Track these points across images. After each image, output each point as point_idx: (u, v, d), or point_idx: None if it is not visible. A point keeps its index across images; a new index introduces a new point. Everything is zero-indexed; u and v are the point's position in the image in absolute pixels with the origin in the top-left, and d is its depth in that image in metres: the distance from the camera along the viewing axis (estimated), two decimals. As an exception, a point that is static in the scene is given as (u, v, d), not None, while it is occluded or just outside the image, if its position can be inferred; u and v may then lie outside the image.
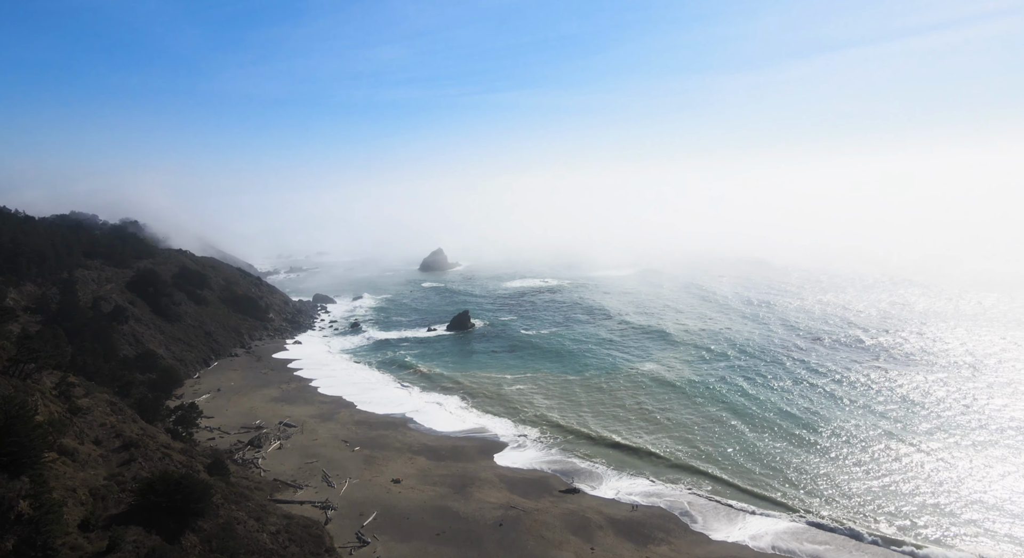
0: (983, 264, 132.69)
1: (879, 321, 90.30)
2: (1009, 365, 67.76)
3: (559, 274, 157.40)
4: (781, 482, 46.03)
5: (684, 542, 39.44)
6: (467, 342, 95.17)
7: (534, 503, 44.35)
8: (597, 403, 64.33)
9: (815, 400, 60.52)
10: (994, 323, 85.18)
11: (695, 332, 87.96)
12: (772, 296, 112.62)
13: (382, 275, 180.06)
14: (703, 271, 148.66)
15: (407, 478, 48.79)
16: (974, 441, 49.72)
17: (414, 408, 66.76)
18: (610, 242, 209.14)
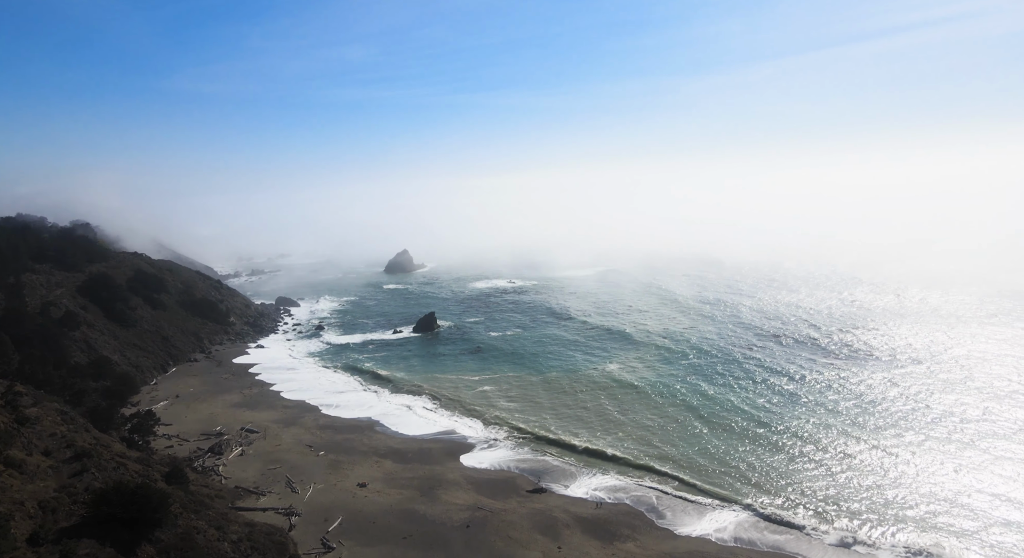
0: (922, 262, 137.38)
1: (831, 318, 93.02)
2: (955, 362, 70.41)
3: (524, 275, 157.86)
4: (741, 478, 47.08)
5: (650, 538, 39.99)
6: (433, 344, 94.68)
7: (501, 503, 44.38)
8: (562, 404, 64.72)
9: (772, 398, 61.97)
10: (938, 319, 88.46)
11: (655, 333, 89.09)
12: (728, 295, 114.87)
13: (346, 277, 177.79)
14: (662, 271, 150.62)
15: (373, 482, 48.28)
16: (925, 437, 51.58)
17: (380, 411, 66.11)
18: (573, 243, 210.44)
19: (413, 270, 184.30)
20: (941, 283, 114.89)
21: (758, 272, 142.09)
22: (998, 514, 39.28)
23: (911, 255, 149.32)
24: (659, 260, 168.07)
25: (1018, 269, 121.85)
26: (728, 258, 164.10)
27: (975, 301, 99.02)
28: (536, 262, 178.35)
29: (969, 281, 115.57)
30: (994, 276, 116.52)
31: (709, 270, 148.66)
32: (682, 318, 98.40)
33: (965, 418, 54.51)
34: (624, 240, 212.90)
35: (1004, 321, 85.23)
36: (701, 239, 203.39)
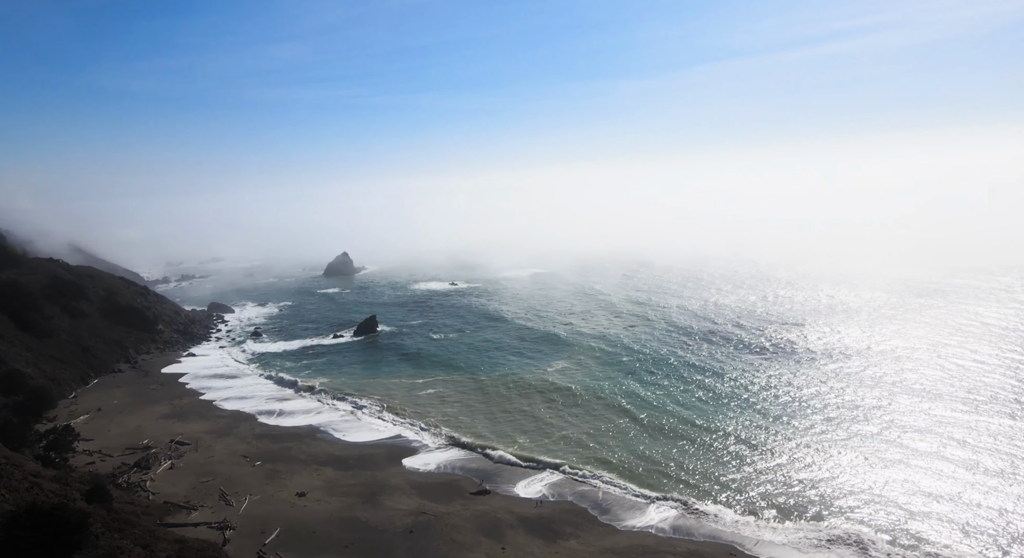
0: (835, 260, 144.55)
1: (754, 317, 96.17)
2: (870, 357, 74.40)
3: (463, 276, 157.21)
4: (677, 473, 48.33)
5: (592, 534, 40.54)
6: (375, 347, 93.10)
7: (445, 507, 44.03)
8: (502, 407, 64.74)
9: (703, 397, 63.61)
10: (850, 316, 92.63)
11: (589, 335, 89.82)
12: (658, 296, 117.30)
13: (283, 281, 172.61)
14: (595, 272, 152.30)
15: (313, 490, 46.99)
16: (850, 433, 53.87)
17: (320, 418, 64.47)
18: (510, 244, 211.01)
19: (353, 273, 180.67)
20: (850, 280, 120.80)
21: (685, 272, 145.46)
22: (915, 506, 41.61)
23: (826, 253, 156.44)
24: (592, 261, 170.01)
25: (920, 265, 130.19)
26: (657, 259, 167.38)
27: (883, 297, 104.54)
28: (474, 263, 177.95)
29: (876, 277, 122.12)
30: (899, 273, 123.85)
31: (640, 271, 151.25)
32: (615, 320, 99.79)
33: (883, 412, 57.46)
34: (558, 242, 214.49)
35: (911, 317, 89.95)
36: (632, 240, 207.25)
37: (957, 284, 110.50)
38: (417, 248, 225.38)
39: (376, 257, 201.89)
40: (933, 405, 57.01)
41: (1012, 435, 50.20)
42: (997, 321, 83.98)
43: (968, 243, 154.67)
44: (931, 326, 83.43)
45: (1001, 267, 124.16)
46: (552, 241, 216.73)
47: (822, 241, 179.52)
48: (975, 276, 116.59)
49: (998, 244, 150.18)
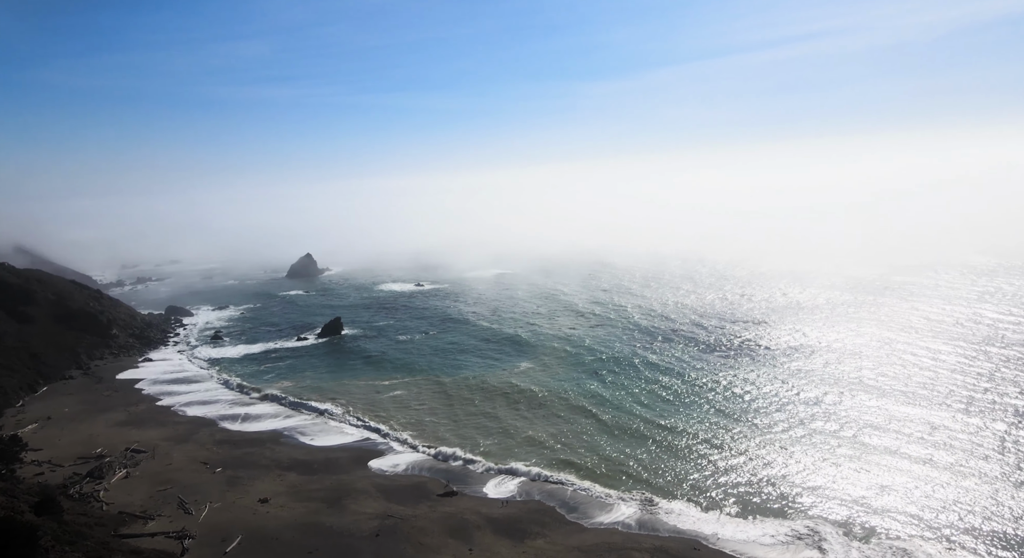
0: (788, 258, 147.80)
1: (712, 316, 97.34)
2: (831, 357, 76.02)
3: (428, 277, 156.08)
4: (641, 471, 48.80)
5: (560, 533, 40.68)
6: (340, 350, 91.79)
7: (411, 510, 43.65)
8: (468, 407, 64.49)
9: (666, 396, 64.21)
10: (810, 315, 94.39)
11: (552, 336, 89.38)
12: (620, 296, 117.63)
13: (244, 283, 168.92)
14: (557, 273, 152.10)
15: (276, 496, 46.05)
16: (808, 430, 54.86)
17: (284, 422, 63.27)
18: (473, 245, 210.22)
19: (317, 275, 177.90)
20: (804, 279, 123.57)
21: (646, 272, 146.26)
22: (871, 500, 42.69)
23: (781, 252, 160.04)
24: (555, 262, 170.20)
25: (868, 263, 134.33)
26: (619, 259, 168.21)
27: (835, 294, 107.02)
28: (438, 264, 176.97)
29: (828, 275, 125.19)
30: (849, 271, 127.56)
31: (602, 271, 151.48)
32: (578, 320, 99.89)
33: (838, 409, 58.69)
34: (522, 242, 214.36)
35: (862, 315, 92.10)
36: (594, 240, 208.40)
37: (902, 282, 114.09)
38: (382, 249, 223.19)
39: (340, 258, 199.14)
40: (886, 401, 58.61)
41: (963, 430, 52.06)
42: (940, 317, 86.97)
43: (912, 242, 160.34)
44: (881, 323, 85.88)
45: (943, 264, 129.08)
46: (515, 241, 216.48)
47: (778, 240, 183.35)
48: (919, 273, 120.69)
49: (941, 242, 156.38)
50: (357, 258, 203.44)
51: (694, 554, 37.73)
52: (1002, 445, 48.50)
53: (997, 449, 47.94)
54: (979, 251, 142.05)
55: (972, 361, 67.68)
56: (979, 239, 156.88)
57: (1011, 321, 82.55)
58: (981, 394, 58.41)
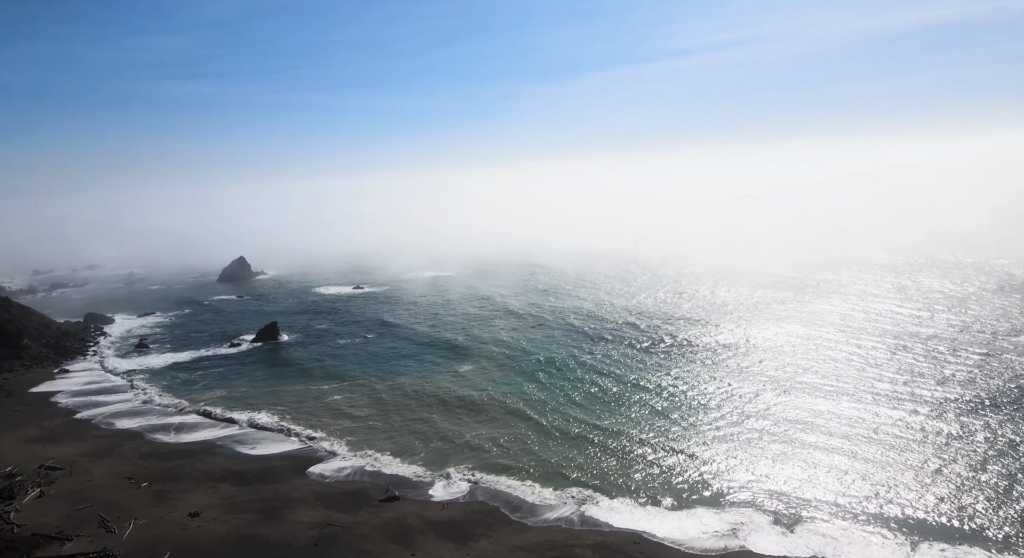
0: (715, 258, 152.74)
1: (645, 315, 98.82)
2: (760, 355, 78.97)
3: (366, 280, 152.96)
4: (581, 470, 49.40)
5: (503, 533, 40.74)
6: (276, 356, 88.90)
7: (352, 516, 42.74)
8: (408, 412, 63.42)
9: (603, 397, 64.84)
10: (738, 314, 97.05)
11: (490, 339, 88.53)
12: (555, 298, 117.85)
13: (172, 288, 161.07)
14: (492, 274, 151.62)
15: (208, 509, 44.12)
16: (740, 427, 56.64)
17: (217, 431, 60.78)
18: (409, 246, 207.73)
19: (251, 278, 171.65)
20: (730, 277, 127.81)
21: (579, 273, 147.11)
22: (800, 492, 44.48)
23: (708, 252, 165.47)
24: (490, 263, 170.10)
25: (785, 262, 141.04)
26: (552, 260, 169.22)
27: (760, 293, 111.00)
28: (375, 267, 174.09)
29: (752, 274, 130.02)
30: (772, 270, 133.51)
31: (536, 272, 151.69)
32: (514, 323, 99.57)
33: (767, 406, 60.68)
34: (457, 243, 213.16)
35: (786, 312, 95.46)
36: (528, 241, 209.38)
37: (820, 279, 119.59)
38: (318, 251, 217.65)
39: (275, 261, 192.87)
40: (812, 398, 60.77)
41: (884, 423, 55.07)
42: (857, 314, 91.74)
43: (826, 241, 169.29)
44: (804, 321, 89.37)
45: (854, 262, 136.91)
46: (451, 243, 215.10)
47: (704, 240, 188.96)
48: (834, 271, 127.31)
49: (850, 241, 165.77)
50: (293, 260, 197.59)
51: (634, 548, 38.56)
52: (922, 436, 51.45)
53: (917, 441, 50.78)
54: (883, 249, 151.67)
55: (890, 356, 71.78)
56: (883, 238, 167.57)
57: (919, 316, 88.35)
58: (899, 387, 61.87)
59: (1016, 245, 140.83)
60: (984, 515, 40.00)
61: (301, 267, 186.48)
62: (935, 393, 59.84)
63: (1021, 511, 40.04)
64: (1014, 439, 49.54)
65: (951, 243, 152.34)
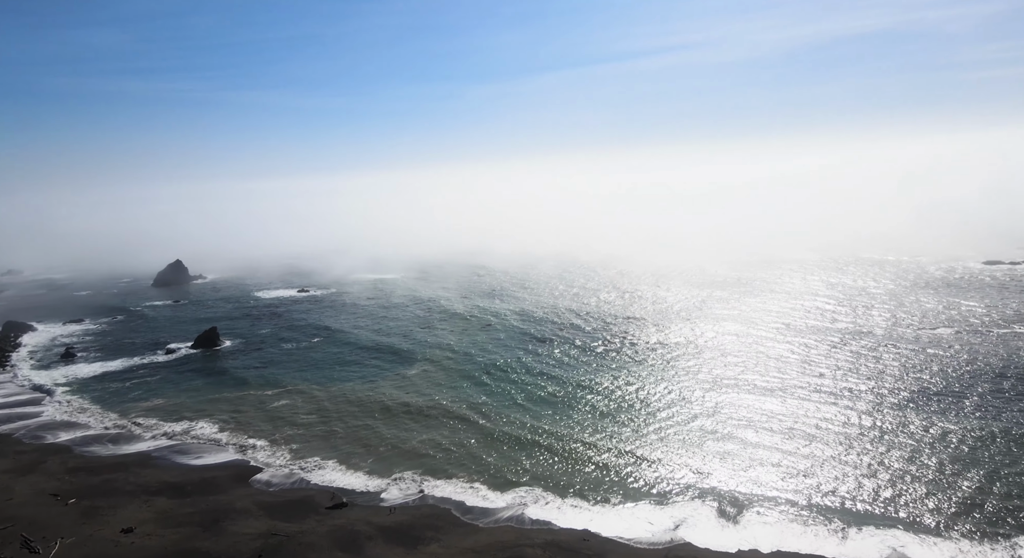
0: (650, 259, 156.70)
1: (592, 317, 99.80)
2: (701, 354, 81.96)
3: (307, 283, 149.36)
4: (529, 471, 49.84)
5: (454, 535, 40.61)
6: (216, 362, 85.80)
7: (298, 525, 41.72)
8: (353, 419, 62.24)
9: (549, 399, 65.06)
10: (678, 313, 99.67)
11: (434, 344, 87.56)
12: (498, 301, 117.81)
13: (102, 294, 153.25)
14: (436, 277, 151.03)
15: (143, 524, 42.19)
16: (685, 426, 58.39)
17: (153, 442, 58.20)
18: (352, 249, 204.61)
19: (189, 282, 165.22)
20: (667, 277, 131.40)
21: (521, 275, 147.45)
22: (742, 487, 46.12)
23: (643, 251, 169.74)
24: (433, 265, 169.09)
25: (719, 260, 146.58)
26: (495, 261, 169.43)
27: (698, 292, 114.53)
28: (316, 269, 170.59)
29: (688, 274, 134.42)
30: (707, 269, 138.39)
31: (479, 274, 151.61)
32: (458, 326, 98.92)
33: (710, 404, 62.32)
34: (400, 245, 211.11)
35: (723, 311, 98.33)
36: (471, 243, 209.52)
37: (752, 278, 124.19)
38: (259, 254, 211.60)
39: (215, 264, 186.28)
40: (752, 396, 62.73)
41: (822, 419, 57.70)
42: (789, 312, 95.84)
43: (756, 240, 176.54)
44: (741, 320, 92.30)
45: (782, 260, 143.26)
46: (395, 245, 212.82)
47: (642, 240, 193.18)
48: (765, 270, 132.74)
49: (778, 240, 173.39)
50: (233, 263, 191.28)
51: (584, 545, 39.12)
52: (854, 431, 53.86)
53: (850, 434, 53.24)
54: (811, 248, 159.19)
55: (824, 353, 75.24)
56: (810, 237, 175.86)
57: (848, 314, 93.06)
58: (833, 383, 64.50)
59: (933, 245, 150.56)
60: (910, 501, 42.43)
61: (242, 270, 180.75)
62: (866, 388, 62.95)
63: (943, 496, 42.71)
64: (937, 430, 52.69)
65: (873, 243, 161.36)
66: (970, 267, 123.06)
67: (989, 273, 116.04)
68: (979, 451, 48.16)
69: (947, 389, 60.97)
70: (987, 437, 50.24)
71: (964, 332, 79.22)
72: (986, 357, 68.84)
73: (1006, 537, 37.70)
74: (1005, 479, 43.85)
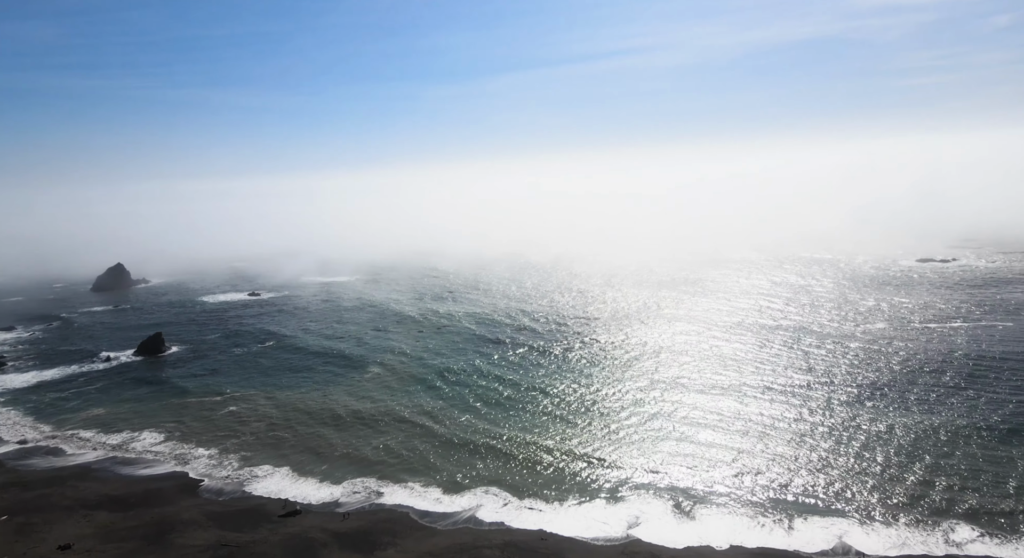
0: (598, 260, 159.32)
1: (541, 320, 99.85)
2: (649, 355, 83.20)
3: (255, 287, 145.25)
4: (487, 474, 49.75)
5: (411, 539, 40.22)
6: (162, 369, 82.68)
7: (249, 535, 40.58)
8: (306, 424, 61.02)
9: (501, 402, 65.06)
10: (626, 314, 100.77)
11: (384, 348, 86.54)
12: (448, 303, 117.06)
13: (36, 300, 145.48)
14: (385, 279, 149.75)
15: (81, 540, 40.30)
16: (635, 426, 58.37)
17: (93, 454, 55.73)
18: (302, 251, 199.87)
19: (131, 287, 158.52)
20: (615, 278, 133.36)
21: (472, 276, 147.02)
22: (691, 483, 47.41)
23: (593, 252, 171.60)
24: (383, 267, 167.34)
25: (668, 261, 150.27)
26: (445, 262, 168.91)
27: (644, 293, 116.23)
28: (265, 273, 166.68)
29: (635, 275, 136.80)
30: (655, 268, 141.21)
31: (430, 276, 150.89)
32: (410, 330, 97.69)
33: (658, 403, 62.97)
34: (350, 247, 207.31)
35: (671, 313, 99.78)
36: (422, 244, 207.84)
37: (699, 278, 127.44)
38: (205, 256, 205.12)
39: (158, 268, 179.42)
40: (700, 395, 63.87)
41: (767, 416, 59.29)
42: (735, 311, 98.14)
43: (706, 240, 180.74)
44: (690, 320, 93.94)
45: (727, 260, 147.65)
46: (345, 247, 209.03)
47: (594, 241, 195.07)
48: (711, 269, 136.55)
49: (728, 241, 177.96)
50: (178, 267, 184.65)
51: (541, 544, 39.34)
52: (807, 427, 55.56)
53: (806, 431, 54.84)
54: (753, 247, 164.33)
55: (770, 351, 77.46)
56: (752, 237, 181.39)
57: (790, 312, 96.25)
58: (779, 381, 66.43)
59: (868, 244, 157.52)
60: (855, 492, 44.25)
61: (187, 274, 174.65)
62: (813, 385, 64.79)
63: (885, 487, 44.69)
64: (882, 424, 54.93)
65: (812, 242, 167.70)
66: (904, 265, 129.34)
67: (922, 270, 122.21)
68: (920, 442, 50.46)
69: (890, 384, 63.56)
70: (928, 430, 52.52)
71: (903, 328, 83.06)
72: (925, 352, 72.20)
73: (940, 522, 39.80)
74: (943, 469, 46.05)
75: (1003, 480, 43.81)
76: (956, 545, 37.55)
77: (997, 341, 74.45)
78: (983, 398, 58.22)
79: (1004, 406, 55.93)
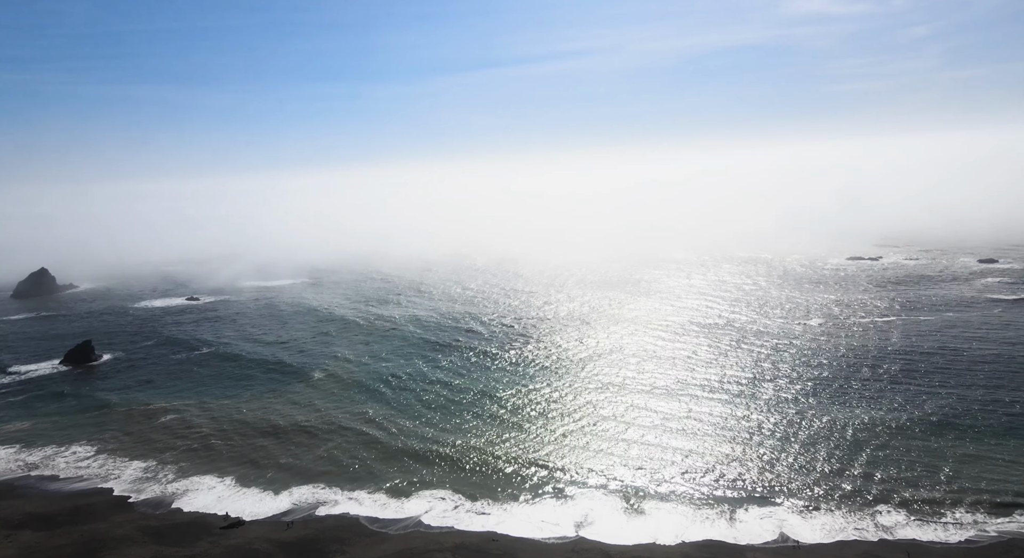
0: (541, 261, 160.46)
1: (486, 323, 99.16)
2: (597, 357, 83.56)
3: (191, 292, 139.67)
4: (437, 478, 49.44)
5: (361, 546, 39.51)
6: (91, 379, 78.46)
7: (189, 550, 38.97)
8: (247, 435, 59.03)
9: (447, 406, 64.65)
10: (571, 316, 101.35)
11: (327, 354, 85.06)
12: (391, 308, 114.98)
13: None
14: (327, 284, 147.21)
15: (3, 563, 37.75)
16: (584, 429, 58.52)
17: (16, 471, 52.31)
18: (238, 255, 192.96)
19: (58, 292, 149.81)
20: (558, 280, 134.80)
21: (414, 279, 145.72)
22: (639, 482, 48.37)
23: (535, 253, 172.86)
24: (324, 271, 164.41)
25: (610, 260, 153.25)
26: (386, 265, 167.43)
27: (589, 294, 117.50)
28: (201, 276, 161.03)
29: (578, 274, 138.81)
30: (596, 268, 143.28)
31: (371, 279, 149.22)
32: (353, 336, 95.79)
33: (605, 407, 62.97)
34: (290, 249, 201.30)
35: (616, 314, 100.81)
36: (363, 247, 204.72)
37: (640, 278, 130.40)
38: (137, 260, 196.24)
39: (87, 272, 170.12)
40: (646, 396, 64.47)
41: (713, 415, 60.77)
42: (676, 312, 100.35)
43: (644, 241, 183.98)
44: (634, 322, 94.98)
45: (663, 260, 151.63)
46: (284, 250, 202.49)
47: (534, 241, 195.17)
48: (650, 269, 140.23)
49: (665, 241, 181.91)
50: (109, 271, 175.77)
51: (492, 546, 39.32)
52: (752, 424, 57.26)
53: (750, 428, 56.59)
54: (691, 248, 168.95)
55: (711, 350, 79.07)
56: (689, 237, 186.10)
57: (729, 312, 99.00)
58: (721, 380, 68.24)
59: (798, 244, 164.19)
60: (796, 485, 46.09)
61: (119, 278, 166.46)
62: (755, 382, 66.87)
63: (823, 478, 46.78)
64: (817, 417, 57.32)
65: (745, 242, 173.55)
66: (835, 263, 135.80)
67: (852, 268, 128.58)
68: (859, 435, 52.76)
69: (831, 379, 66.20)
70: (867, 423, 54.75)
71: (840, 325, 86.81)
72: (863, 347, 75.71)
73: (874, 510, 41.94)
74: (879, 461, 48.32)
75: (934, 469, 46.36)
76: (887, 530, 39.66)
77: (926, 335, 78.96)
78: (917, 391, 61.29)
79: (935, 398, 59.07)
